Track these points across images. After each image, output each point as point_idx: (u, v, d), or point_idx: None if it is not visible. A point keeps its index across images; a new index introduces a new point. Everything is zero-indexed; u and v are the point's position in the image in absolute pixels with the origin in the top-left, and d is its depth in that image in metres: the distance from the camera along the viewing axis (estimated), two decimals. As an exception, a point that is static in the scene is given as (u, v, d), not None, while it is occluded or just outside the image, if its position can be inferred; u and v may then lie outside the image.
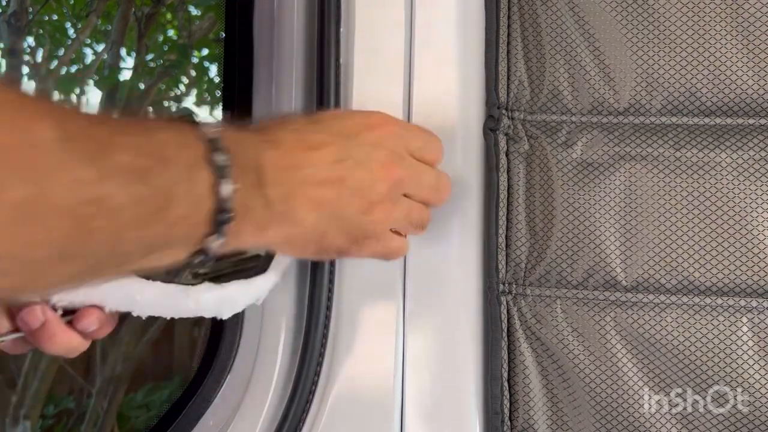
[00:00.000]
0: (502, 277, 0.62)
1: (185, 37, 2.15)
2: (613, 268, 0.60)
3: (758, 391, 0.58)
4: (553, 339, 0.61)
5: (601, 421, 0.59)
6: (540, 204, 0.63)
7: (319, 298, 0.62)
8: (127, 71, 2.09)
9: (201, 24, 2.16)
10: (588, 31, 0.63)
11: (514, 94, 0.64)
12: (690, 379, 0.59)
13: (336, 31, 0.63)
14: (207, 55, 2.19)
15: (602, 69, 0.62)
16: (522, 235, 0.63)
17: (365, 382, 0.63)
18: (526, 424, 0.61)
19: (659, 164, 0.61)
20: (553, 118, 0.63)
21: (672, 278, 0.59)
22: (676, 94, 0.61)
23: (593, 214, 0.61)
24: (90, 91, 2.17)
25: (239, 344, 0.67)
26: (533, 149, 0.63)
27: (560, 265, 0.61)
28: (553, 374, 0.61)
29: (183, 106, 2.26)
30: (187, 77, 2.25)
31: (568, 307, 0.61)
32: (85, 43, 2.16)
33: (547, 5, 0.63)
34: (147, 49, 2.12)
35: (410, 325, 0.63)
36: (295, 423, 0.62)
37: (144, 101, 2.09)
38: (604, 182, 0.61)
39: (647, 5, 0.62)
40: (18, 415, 1.79)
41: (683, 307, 0.59)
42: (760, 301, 0.58)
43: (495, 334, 0.61)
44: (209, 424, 0.66)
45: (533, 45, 0.64)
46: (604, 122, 0.62)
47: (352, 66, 0.64)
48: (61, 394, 1.97)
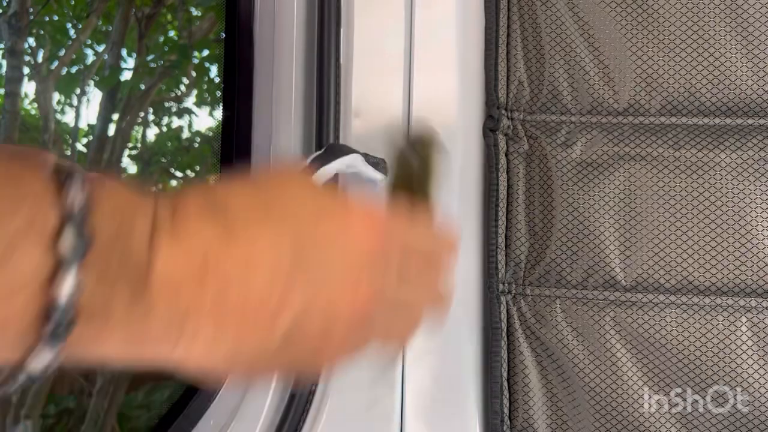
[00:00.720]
0: (501, 277, 0.62)
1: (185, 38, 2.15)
2: (613, 268, 0.60)
3: (757, 390, 0.58)
4: (552, 338, 0.61)
5: (601, 420, 0.60)
6: (539, 204, 0.63)
7: (319, 297, 0.62)
8: (127, 72, 2.10)
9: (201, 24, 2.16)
10: (587, 31, 0.63)
11: (513, 95, 0.64)
12: (689, 378, 0.59)
13: (336, 31, 0.63)
14: (207, 55, 2.20)
15: (602, 69, 0.62)
16: (522, 235, 0.63)
17: (365, 382, 0.63)
18: (525, 423, 0.61)
19: (658, 164, 0.61)
20: (552, 118, 0.63)
21: (671, 278, 0.59)
22: (676, 94, 0.61)
23: (593, 213, 0.61)
24: (91, 91, 2.17)
25: (239, 344, 0.67)
26: (533, 149, 0.63)
27: (560, 265, 0.61)
28: (552, 374, 0.61)
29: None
30: (187, 77, 2.25)
31: (568, 307, 0.61)
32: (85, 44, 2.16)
33: (547, 6, 0.64)
34: (147, 50, 2.12)
35: (410, 324, 0.63)
36: (295, 423, 0.62)
37: (144, 101, 2.09)
38: (604, 182, 0.61)
39: (647, 6, 0.62)
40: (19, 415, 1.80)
41: (682, 307, 0.59)
42: (759, 300, 0.58)
43: (495, 334, 0.61)
44: (209, 424, 0.66)
45: (533, 45, 0.64)
46: (604, 122, 0.62)
47: (351, 66, 0.64)
48: (62, 394, 1.97)
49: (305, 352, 0.34)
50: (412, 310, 0.39)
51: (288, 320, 0.31)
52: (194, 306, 0.29)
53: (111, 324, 0.28)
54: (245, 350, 0.31)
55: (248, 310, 0.30)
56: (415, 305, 0.38)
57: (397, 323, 0.38)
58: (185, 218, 0.30)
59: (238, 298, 0.30)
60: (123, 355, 0.30)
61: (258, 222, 0.31)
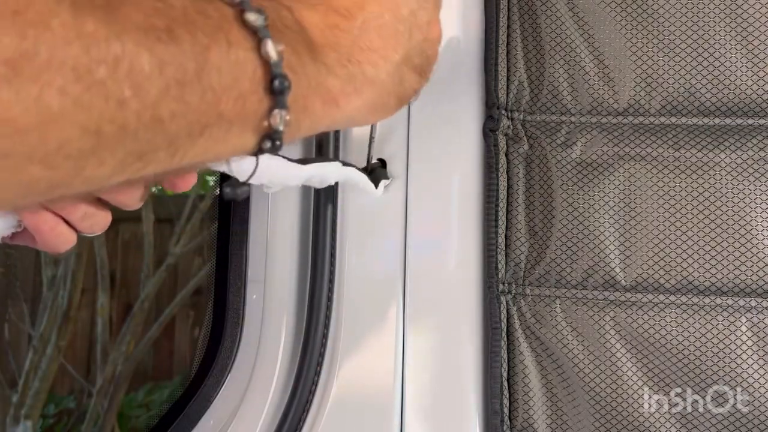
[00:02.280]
0: (501, 277, 0.62)
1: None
2: (613, 268, 0.60)
3: (757, 390, 0.58)
4: (552, 338, 0.61)
5: (601, 420, 0.60)
6: (539, 204, 0.63)
7: (319, 298, 0.63)
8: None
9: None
10: (587, 31, 0.63)
11: (513, 95, 0.64)
12: (689, 378, 0.59)
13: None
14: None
15: (601, 69, 0.62)
16: (521, 235, 0.63)
17: (365, 382, 0.63)
18: (525, 423, 0.61)
19: (658, 164, 0.61)
20: (552, 118, 0.63)
21: (671, 278, 0.59)
22: (675, 94, 0.61)
23: (592, 214, 0.61)
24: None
25: (239, 344, 0.67)
26: (533, 149, 0.63)
27: (560, 265, 0.61)
28: (552, 374, 0.61)
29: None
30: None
31: (568, 307, 0.61)
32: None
33: (547, 6, 0.64)
34: None
35: (410, 325, 0.63)
36: (295, 423, 0.62)
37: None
38: (604, 182, 0.61)
39: (647, 6, 0.62)
40: (19, 415, 1.80)
41: (682, 307, 0.59)
42: (759, 300, 0.58)
43: (494, 334, 0.61)
44: (209, 424, 0.66)
45: (533, 45, 0.64)
46: (604, 122, 0.62)
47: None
48: (62, 394, 1.97)
49: (423, 40, 0.44)
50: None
51: (407, 15, 0.42)
52: (350, 42, 0.39)
53: (311, 87, 0.36)
54: (396, 64, 0.41)
55: (383, 25, 0.40)
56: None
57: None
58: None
59: (371, 20, 0.40)
60: (324, 120, 0.38)
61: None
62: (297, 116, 0.35)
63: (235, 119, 0.32)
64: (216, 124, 0.32)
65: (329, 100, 0.38)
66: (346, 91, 0.38)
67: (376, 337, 0.63)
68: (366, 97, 0.40)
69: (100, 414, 1.84)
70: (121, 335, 1.87)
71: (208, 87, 0.30)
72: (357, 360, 0.63)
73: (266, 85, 0.33)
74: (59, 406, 1.93)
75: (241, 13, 0.33)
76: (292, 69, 0.34)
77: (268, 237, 0.66)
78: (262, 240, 0.67)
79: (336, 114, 0.39)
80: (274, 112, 0.33)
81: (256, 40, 0.33)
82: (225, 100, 0.31)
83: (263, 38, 0.33)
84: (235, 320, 0.67)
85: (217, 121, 0.32)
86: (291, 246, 0.66)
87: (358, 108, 0.40)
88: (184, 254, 1.92)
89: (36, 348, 1.83)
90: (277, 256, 0.66)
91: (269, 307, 0.66)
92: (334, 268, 0.63)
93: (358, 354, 0.63)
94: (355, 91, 0.39)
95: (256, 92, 0.33)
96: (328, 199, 0.64)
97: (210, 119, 0.31)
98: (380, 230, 0.64)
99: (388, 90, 0.42)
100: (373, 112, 0.43)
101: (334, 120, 0.39)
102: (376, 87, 0.40)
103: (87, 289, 1.95)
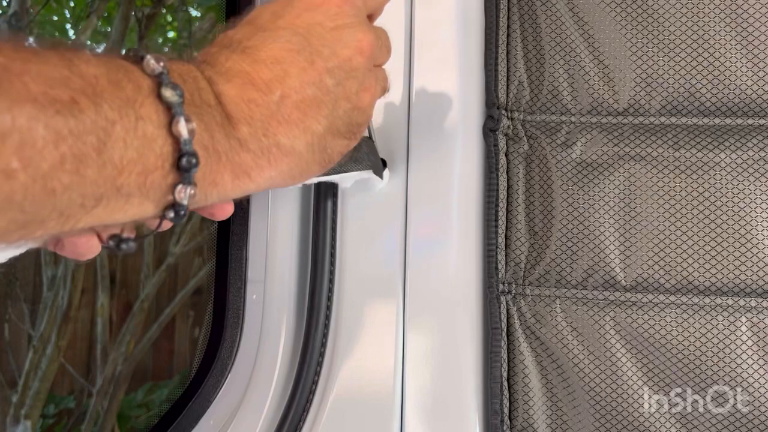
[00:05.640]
0: (501, 277, 0.62)
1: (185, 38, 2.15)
2: (613, 268, 0.60)
3: (757, 390, 0.58)
4: (552, 338, 0.61)
5: (601, 420, 0.60)
6: (539, 204, 0.63)
7: (319, 298, 0.63)
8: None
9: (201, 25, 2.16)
10: (587, 31, 0.63)
11: (513, 95, 0.64)
12: (689, 378, 0.59)
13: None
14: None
15: (601, 69, 0.62)
16: (521, 235, 0.63)
17: (365, 382, 0.63)
18: (525, 423, 0.61)
19: (658, 164, 0.61)
20: (552, 118, 0.63)
21: (671, 278, 0.59)
22: (675, 94, 0.61)
23: (592, 214, 0.61)
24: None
25: (239, 344, 0.67)
26: (533, 149, 0.63)
27: (560, 265, 0.61)
28: (552, 374, 0.61)
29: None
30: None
31: (568, 307, 0.61)
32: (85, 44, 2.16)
33: (547, 6, 0.64)
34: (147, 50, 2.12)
35: (410, 325, 0.63)
36: (295, 423, 0.62)
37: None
38: (604, 182, 0.61)
39: (647, 5, 0.62)
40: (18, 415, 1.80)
41: (682, 307, 0.59)
42: (759, 300, 0.58)
43: (495, 334, 0.61)
44: (209, 423, 0.66)
45: (533, 45, 0.64)
46: (604, 122, 0.62)
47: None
48: (62, 394, 1.97)
49: (351, 109, 0.43)
50: (383, 35, 0.47)
51: (332, 86, 0.41)
52: (266, 117, 0.38)
53: (222, 162, 0.36)
54: (318, 135, 0.41)
55: (303, 98, 0.39)
56: (382, 35, 0.46)
57: (383, 52, 0.47)
58: (220, 63, 0.38)
59: (291, 93, 0.39)
60: (234, 192, 0.38)
61: (264, 40, 0.40)
62: (205, 190, 0.36)
63: (135, 192, 0.32)
64: (114, 196, 0.31)
65: (240, 173, 0.38)
66: (259, 164, 0.38)
67: (376, 337, 0.63)
68: (281, 168, 0.39)
69: (100, 414, 1.84)
70: (121, 335, 1.87)
71: (108, 161, 0.30)
72: (357, 360, 0.63)
73: (174, 161, 0.33)
74: (59, 406, 1.93)
75: (158, 86, 0.33)
76: (202, 146, 0.34)
77: (268, 237, 0.66)
78: (262, 240, 0.67)
79: (248, 185, 0.39)
80: (179, 188, 0.34)
81: (168, 116, 0.33)
82: (126, 174, 0.31)
83: (176, 115, 0.33)
84: (235, 320, 0.67)
85: (115, 194, 0.31)
86: (291, 246, 0.66)
87: (272, 177, 0.40)
88: (184, 254, 1.92)
89: (36, 348, 1.82)
90: (277, 256, 0.66)
91: (269, 307, 0.66)
92: (334, 268, 0.63)
93: (358, 354, 0.63)
94: (269, 164, 0.39)
95: (162, 168, 0.33)
96: (328, 199, 0.64)
97: (107, 191, 0.31)
98: (380, 230, 0.64)
99: (306, 159, 0.41)
100: (291, 180, 0.42)
101: (246, 190, 0.39)
102: (293, 158, 0.40)
103: (87, 289, 1.95)
